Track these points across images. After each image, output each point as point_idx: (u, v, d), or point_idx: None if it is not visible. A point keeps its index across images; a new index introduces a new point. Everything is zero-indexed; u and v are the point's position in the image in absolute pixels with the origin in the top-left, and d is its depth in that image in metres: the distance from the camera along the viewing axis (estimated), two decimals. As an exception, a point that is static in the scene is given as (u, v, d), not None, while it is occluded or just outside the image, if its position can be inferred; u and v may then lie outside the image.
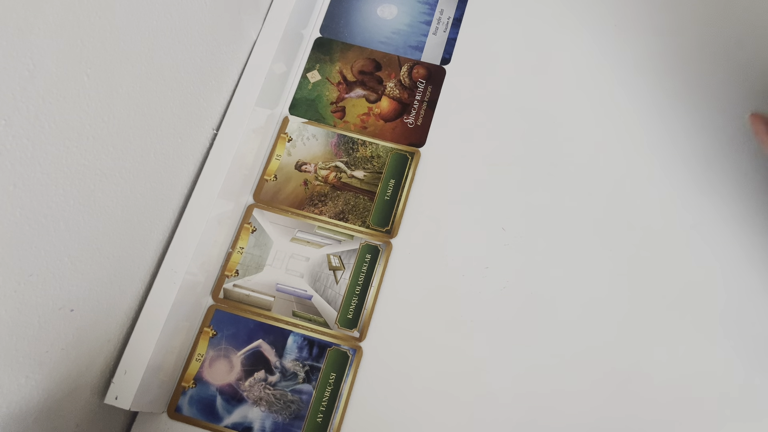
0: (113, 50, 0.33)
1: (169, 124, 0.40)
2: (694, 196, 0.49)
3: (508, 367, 0.45)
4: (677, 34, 0.54)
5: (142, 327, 0.41)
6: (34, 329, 0.32)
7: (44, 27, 0.28)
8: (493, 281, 0.47)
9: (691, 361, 0.44)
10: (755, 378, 0.44)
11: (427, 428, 0.43)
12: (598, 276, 0.47)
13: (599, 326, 0.45)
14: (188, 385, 0.44)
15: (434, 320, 0.46)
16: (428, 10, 0.56)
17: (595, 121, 0.51)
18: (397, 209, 0.49)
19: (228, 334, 0.46)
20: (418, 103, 0.52)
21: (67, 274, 0.33)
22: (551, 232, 0.48)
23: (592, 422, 0.43)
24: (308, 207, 0.49)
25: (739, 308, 0.46)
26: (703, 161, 0.50)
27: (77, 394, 0.38)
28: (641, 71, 0.53)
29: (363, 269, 0.47)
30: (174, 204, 0.43)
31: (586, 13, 0.55)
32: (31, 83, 0.27)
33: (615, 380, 0.44)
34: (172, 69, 0.39)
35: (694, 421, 0.43)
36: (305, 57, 0.54)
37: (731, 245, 0.47)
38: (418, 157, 0.50)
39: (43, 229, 0.31)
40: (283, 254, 0.48)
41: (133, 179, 0.38)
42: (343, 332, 0.46)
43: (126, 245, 0.39)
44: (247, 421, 0.44)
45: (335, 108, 0.53)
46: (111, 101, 0.34)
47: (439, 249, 0.48)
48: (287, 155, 0.51)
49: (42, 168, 0.29)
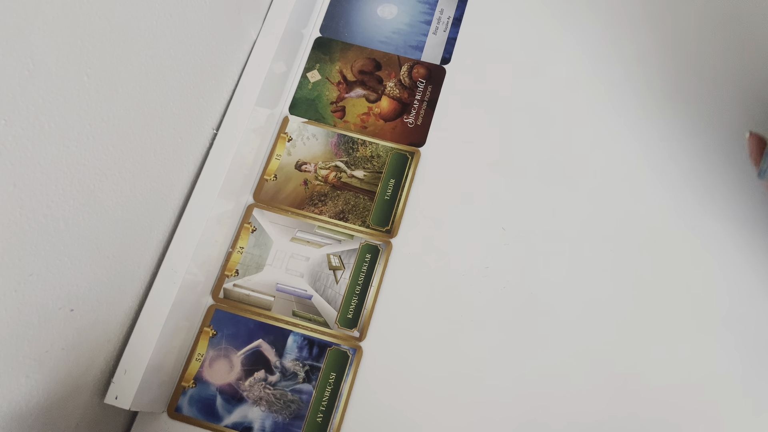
0: (113, 50, 0.33)
1: (169, 123, 0.40)
2: (696, 196, 0.49)
3: (508, 366, 0.45)
4: (678, 33, 0.54)
5: (142, 327, 0.41)
6: (34, 329, 0.32)
7: (44, 26, 0.28)
8: (494, 281, 0.47)
9: (691, 361, 0.44)
10: (756, 378, 0.44)
11: (427, 427, 0.43)
12: (599, 275, 0.47)
13: (599, 326, 0.45)
14: (188, 385, 0.44)
15: (434, 320, 0.46)
16: (428, 10, 0.56)
17: (595, 120, 0.51)
18: (397, 209, 0.49)
19: (228, 334, 0.46)
20: (418, 103, 0.52)
21: (67, 273, 0.33)
22: (551, 231, 0.48)
23: (593, 422, 0.43)
24: (308, 207, 0.49)
25: (739, 308, 0.46)
26: (704, 161, 0.49)
27: (77, 394, 0.38)
28: (641, 70, 0.53)
29: (363, 269, 0.47)
30: (174, 204, 0.43)
31: (586, 13, 0.55)
32: (31, 83, 0.27)
33: (615, 380, 0.44)
34: (172, 69, 0.39)
35: (695, 420, 0.43)
36: (305, 57, 0.54)
37: (731, 245, 0.47)
38: (418, 156, 0.50)
39: (43, 228, 0.31)
40: (283, 254, 0.48)
41: (133, 179, 0.38)
42: (343, 332, 0.46)
43: (126, 245, 0.39)
44: (247, 421, 0.44)
45: (335, 108, 0.52)
46: (111, 101, 0.34)
47: (439, 248, 0.48)
48: (287, 155, 0.51)
49: (42, 168, 0.29)
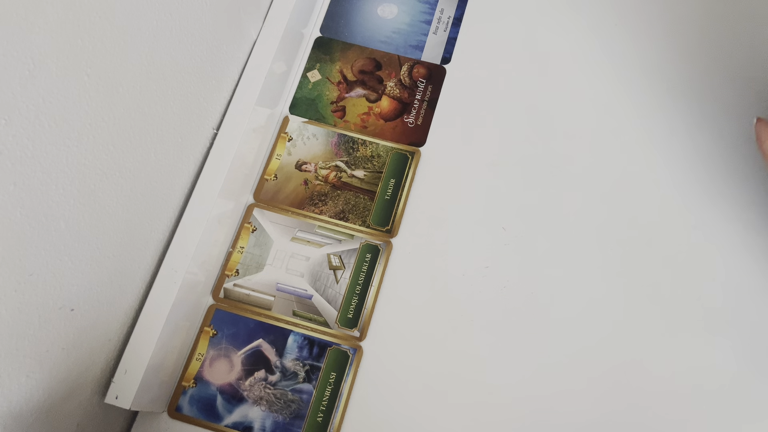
0: (114, 49, 0.33)
1: (170, 123, 0.40)
2: (696, 196, 0.48)
3: (508, 366, 0.45)
4: (680, 32, 0.54)
5: (143, 326, 0.41)
6: (34, 328, 0.32)
7: (44, 26, 0.28)
8: (494, 281, 0.47)
9: (692, 359, 0.44)
10: (756, 376, 0.44)
11: (427, 427, 0.43)
12: (599, 275, 0.47)
13: (600, 325, 0.45)
14: (188, 385, 0.44)
15: (434, 319, 0.46)
16: (428, 10, 0.56)
17: (596, 120, 0.51)
18: (398, 209, 0.49)
19: (228, 334, 0.46)
20: (419, 103, 0.52)
21: (67, 273, 0.33)
22: (552, 231, 0.48)
23: (594, 422, 0.43)
24: (308, 206, 0.49)
25: (739, 307, 0.46)
26: (705, 160, 0.49)
27: (78, 394, 0.38)
28: (643, 69, 0.53)
29: (363, 269, 0.47)
30: (174, 203, 0.43)
31: (587, 12, 0.55)
32: (31, 82, 0.27)
33: (616, 380, 0.44)
34: (172, 68, 0.39)
35: (695, 420, 0.43)
36: (305, 56, 0.54)
37: (732, 245, 0.47)
38: (418, 156, 0.50)
39: (43, 228, 0.31)
40: (283, 254, 0.48)
41: (133, 178, 0.38)
42: (343, 332, 0.46)
43: (126, 244, 0.39)
44: (248, 421, 0.44)
45: (335, 107, 0.52)
46: (111, 100, 0.34)
47: (440, 248, 0.48)
48: (287, 155, 0.51)
49: (42, 167, 0.29)
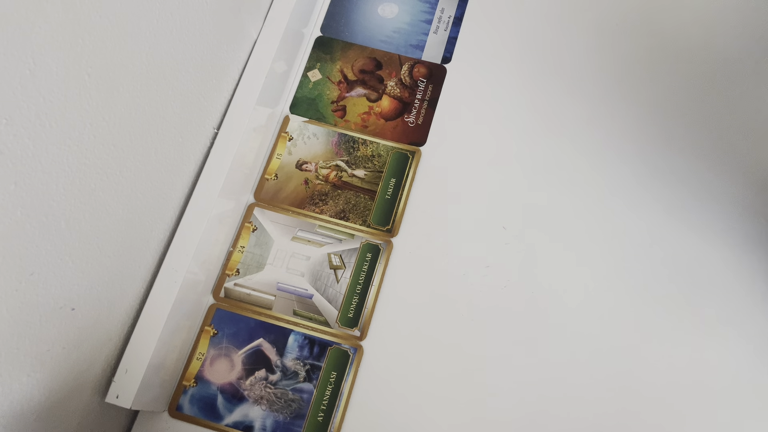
0: (114, 49, 0.33)
1: (170, 122, 0.40)
2: (697, 196, 0.48)
3: (508, 365, 0.45)
4: (681, 31, 0.54)
5: (143, 326, 0.41)
6: (35, 328, 0.32)
7: (45, 25, 0.28)
8: (494, 280, 0.47)
9: (692, 359, 0.44)
10: (756, 376, 0.44)
11: (428, 426, 0.43)
12: (599, 275, 0.47)
13: (600, 325, 0.45)
14: (189, 384, 0.44)
15: (435, 319, 0.46)
16: (429, 9, 0.56)
17: (596, 120, 0.51)
18: (398, 208, 0.49)
19: (229, 333, 0.46)
20: (419, 102, 0.52)
21: (68, 272, 0.33)
22: (552, 231, 0.48)
23: (594, 421, 0.43)
24: (309, 206, 0.49)
25: (739, 307, 0.46)
26: (703, 164, 0.49)
27: (78, 393, 0.38)
28: (644, 68, 0.52)
29: (364, 268, 0.47)
30: (175, 203, 0.43)
31: (587, 12, 0.55)
32: (31, 82, 0.28)
33: (616, 380, 0.44)
34: (173, 68, 0.39)
35: (695, 420, 0.43)
36: (306, 56, 0.54)
37: (732, 245, 0.47)
38: (418, 156, 0.50)
39: (44, 228, 0.31)
40: (283, 253, 0.48)
41: (134, 178, 0.38)
42: (343, 331, 0.46)
43: (127, 244, 0.39)
44: (248, 420, 0.44)
45: (336, 107, 0.52)
46: (112, 100, 0.34)
47: (440, 248, 0.48)
48: (288, 154, 0.51)
49: (43, 167, 0.30)
